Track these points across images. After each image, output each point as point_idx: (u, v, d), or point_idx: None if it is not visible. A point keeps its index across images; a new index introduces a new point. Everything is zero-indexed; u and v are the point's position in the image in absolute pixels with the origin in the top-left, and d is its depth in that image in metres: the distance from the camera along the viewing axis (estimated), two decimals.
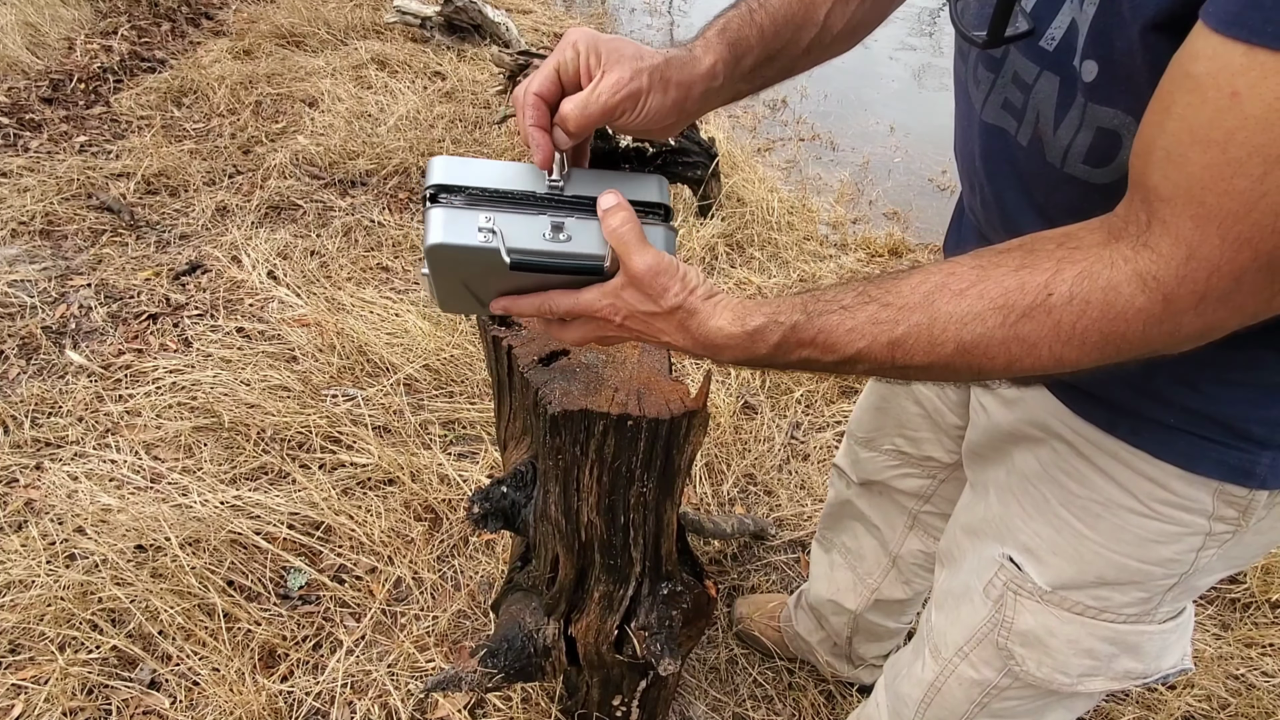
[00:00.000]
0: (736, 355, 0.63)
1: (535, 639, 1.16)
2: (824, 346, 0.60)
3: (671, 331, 0.64)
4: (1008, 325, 0.53)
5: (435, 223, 0.63)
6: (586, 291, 0.65)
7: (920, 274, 0.58)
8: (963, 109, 0.77)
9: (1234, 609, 1.86)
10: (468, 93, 3.92)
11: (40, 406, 2.06)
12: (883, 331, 0.58)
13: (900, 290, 0.58)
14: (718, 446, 2.14)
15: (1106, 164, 0.59)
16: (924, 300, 0.57)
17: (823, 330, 0.60)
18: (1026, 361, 0.54)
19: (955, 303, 0.55)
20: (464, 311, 0.74)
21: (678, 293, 0.62)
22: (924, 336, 0.56)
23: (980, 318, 0.54)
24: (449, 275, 0.67)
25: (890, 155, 4.08)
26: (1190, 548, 0.73)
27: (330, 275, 2.60)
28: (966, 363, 0.56)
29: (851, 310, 0.59)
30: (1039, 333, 0.53)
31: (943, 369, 0.58)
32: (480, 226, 0.63)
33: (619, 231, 0.62)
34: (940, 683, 0.96)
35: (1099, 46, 0.56)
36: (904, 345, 0.57)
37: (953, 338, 0.55)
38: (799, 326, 0.60)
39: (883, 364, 0.59)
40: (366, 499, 1.87)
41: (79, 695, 1.48)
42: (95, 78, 3.73)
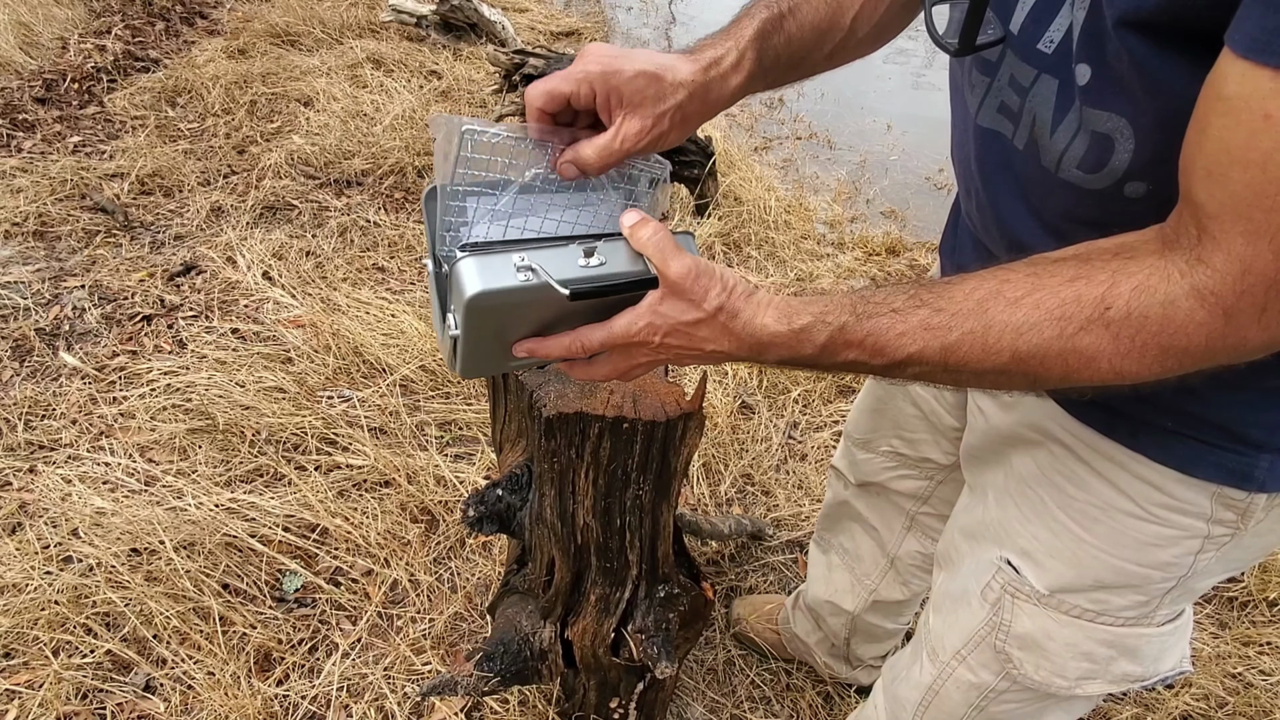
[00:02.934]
0: (781, 354, 0.62)
1: (532, 642, 1.16)
2: (873, 349, 0.59)
3: (716, 337, 0.62)
4: (1065, 337, 0.53)
5: (469, 273, 0.59)
6: (619, 319, 0.62)
7: (974, 280, 0.57)
8: (959, 113, 0.76)
9: (1231, 608, 1.86)
10: (464, 92, 3.91)
11: (34, 409, 2.05)
12: (935, 337, 0.57)
13: (953, 295, 0.57)
14: (715, 447, 2.13)
15: (1099, 169, 0.59)
16: (978, 307, 0.56)
17: (872, 333, 0.59)
18: (1085, 374, 0.54)
19: (1010, 311, 0.55)
20: (487, 373, 0.70)
21: (719, 293, 0.60)
22: (978, 344, 0.56)
23: (1036, 328, 0.54)
24: (484, 328, 0.63)
25: (887, 154, 4.08)
26: (1188, 551, 0.73)
27: (325, 276, 2.59)
28: (1022, 371, 0.56)
29: (903, 314, 0.58)
30: (1097, 346, 0.52)
31: (997, 376, 0.58)
32: (518, 265, 0.60)
33: (653, 241, 0.61)
34: (938, 686, 0.96)
35: (1090, 49, 0.56)
36: (958, 351, 0.57)
37: (1008, 346, 0.55)
38: (847, 328, 0.59)
39: (935, 369, 0.59)
40: (362, 501, 1.86)
41: (73, 700, 1.48)
42: (89, 77, 3.72)
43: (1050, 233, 0.67)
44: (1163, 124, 0.53)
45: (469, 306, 0.59)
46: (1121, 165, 0.57)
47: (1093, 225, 0.62)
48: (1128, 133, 0.55)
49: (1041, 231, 0.68)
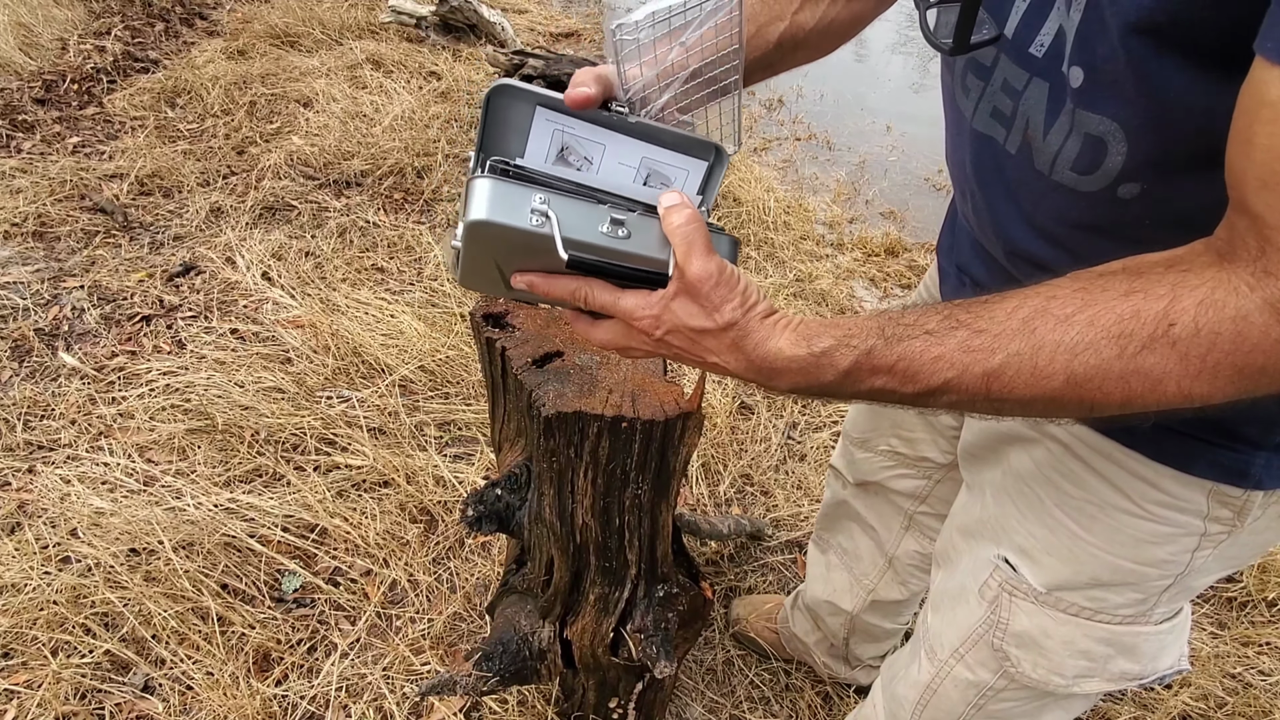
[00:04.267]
0: (795, 382, 0.57)
1: (531, 642, 1.16)
2: (904, 375, 0.54)
3: (721, 351, 0.58)
4: (1126, 357, 0.48)
5: (480, 195, 0.55)
6: (628, 296, 0.59)
7: (1015, 298, 0.53)
8: (952, 118, 0.76)
9: (1230, 608, 1.86)
10: (463, 93, 3.91)
11: (33, 409, 2.05)
12: (976, 361, 0.52)
13: (994, 315, 0.52)
14: (714, 447, 2.13)
15: (1093, 171, 0.59)
16: (1023, 326, 0.51)
17: (904, 357, 0.54)
18: (1149, 398, 0.49)
19: (1061, 330, 0.50)
20: (485, 290, 0.67)
21: (735, 307, 0.56)
22: (1026, 367, 0.51)
23: (1093, 347, 0.49)
24: (483, 252, 0.60)
25: (886, 154, 4.08)
26: (1185, 548, 0.73)
27: (325, 276, 2.59)
28: (1077, 397, 0.51)
29: (938, 336, 0.53)
30: (1163, 366, 0.48)
31: (1047, 403, 0.52)
32: (534, 208, 0.56)
33: (683, 230, 0.56)
34: (936, 684, 0.96)
35: (1084, 53, 0.55)
36: (1002, 377, 0.52)
37: (1061, 369, 0.50)
38: (875, 351, 0.54)
39: (974, 397, 0.54)
40: (361, 501, 1.86)
41: (72, 700, 1.47)
42: (88, 78, 3.72)
43: (1043, 237, 0.67)
44: (1156, 126, 0.53)
45: (469, 229, 0.57)
46: (1115, 167, 0.57)
47: (1087, 229, 0.63)
48: (1119, 135, 0.55)
49: (1034, 236, 0.68)
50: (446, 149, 3.37)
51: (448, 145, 3.41)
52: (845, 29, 0.83)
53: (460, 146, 3.44)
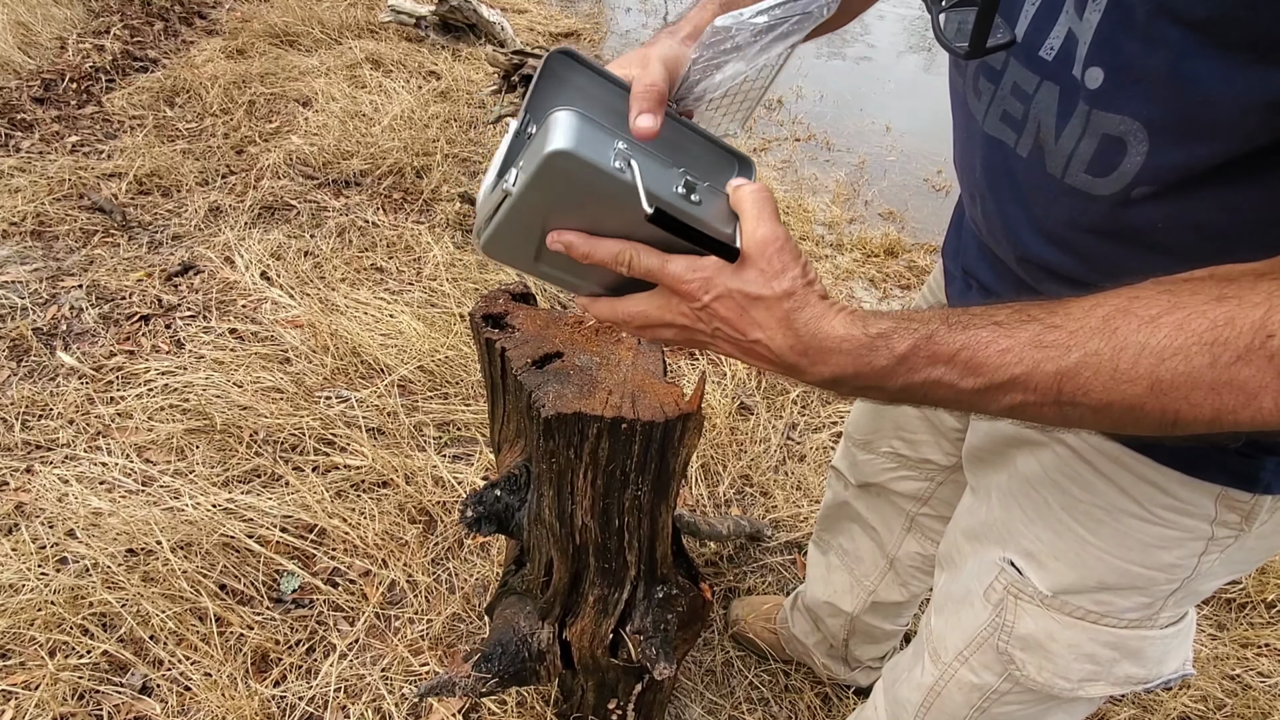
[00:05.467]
0: (843, 367, 0.52)
1: (530, 643, 1.15)
2: (966, 366, 0.50)
3: (770, 324, 0.53)
4: (1220, 367, 0.44)
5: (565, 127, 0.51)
6: (678, 260, 0.55)
7: (1093, 296, 0.49)
8: (962, 121, 0.76)
9: (1230, 609, 1.86)
10: (463, 92, 3.91)
11: (31, 409, 2.05)
12: (1049, 357, 0.48)
13: (1070, 311, 0.49)
14: (713, 448, 2.13)
15: (1108, 173, 0.58)
16: (1103, 324, 0.47)
17: (968, 345, 0.49)
18: (1242, 414, 0.45)
19: (1147, 331, 0.46)
20: (506, 259, 0.62)
21: (796, 276, 0.53)
22: (1106, 368, 0.47)
23: (1183, 353, 0.45)
24: (543, 199, 0.55)
25: (885, 155, 4.08)
26: (1193, 553, 0.73)
27: (324, 276, 2.59)
28: (1160, 406, 0.46)
29: (1008, 328, 0.49)
30: (1260, 380, 0.44)
31: (1124, 412, 0.48)
32: (617, 150, 0.52)
33: (755, 196, 0.54)
34: (940, 687, 0.96)
35: (1105, 52, 0.55)
36: (1077, 377, 0.47)
37: (1146, 374, 0.46)
38: (937, 336, 0.50)
39: (1042, 400, 0.49)
40: (360, 502, 1.86)
41: (69, 701, 1.47)
42: (87, 77, 3.71)
43: (1054, 242, 0.67)
44: (1183, 125, 0.52)
45: (545, 161, 0.51)
46: (1133, 168, 0.56)
47: (1099, 234, 0.62)
48: (1141, 135, 0.55)
49: (1045, 241, 0.68)
50: (446, 149, 3.37)
51: (447, 145, 3.40)
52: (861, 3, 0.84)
53: (459, 146, 3.43)
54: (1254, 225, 0.53)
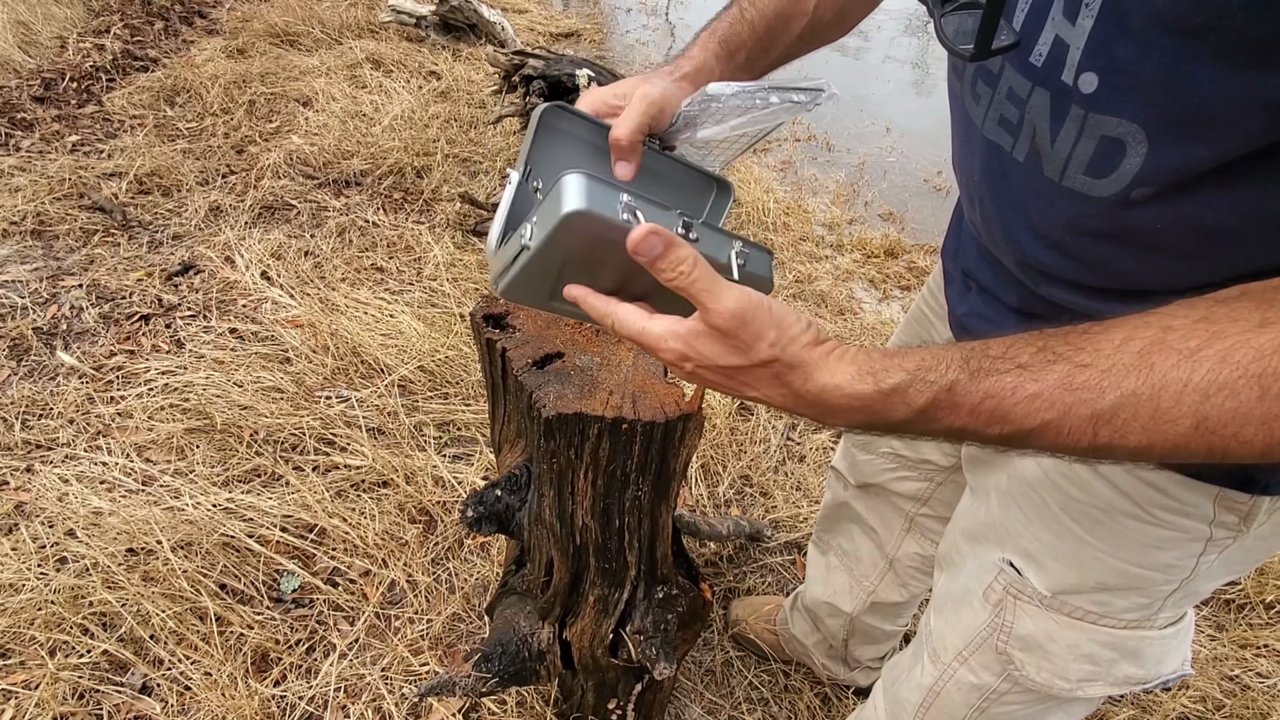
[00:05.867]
0: (856, 420, 0.51)
1: (530, 643, 1.16)
2: (990, 416, 0.48)
3: (763, 386, 0.52)
4: (1270, 399, 0.42)
5: (576, 188, 0.55)
6: (656, 321, 0.55)
7: (1123, 327, 0.47)
8: (960, 124, 0.76)
9: (1229, 610, 1.86)
10: (463, 92, 3.91)
11: (31, 408, 2.05)
12: (1082, 401, 0.45)
13: (1100, 347, 0.46)
14: (713, 448, 2.13)
15: (1108, 174, 0.58)
16: (1139, 361, 0.45)
17: (991, 394, 0.47)
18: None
19: (1188, 367, 0.44)
20: (524, 301, 0.67)
21: (771, 344, 0.50)
22: (1145, 410, 0.44)
23: (1229, 388, 0.43)
24: (557, 251, 0.59)
25: (885, 156, 4.08)
26: (1191, 553, 0.73)
27: (324, 276, 2.59)
28: (1207, 445, 0.44)
29: (1034, 371, 0.47)
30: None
31: (1167, 451, 0.45)
32: (623, 203, 0.56)
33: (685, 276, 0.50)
34: (939, 687, 0.96)
35: (1099, 57, 0.55)
36: (1114, 421, 0.45)
37: (1189, 412, 0.44)
38: (958, 388, 0.48)
39: (1075, 443, 0.47)
40: (360, 501, 1.86)
41: (70, 700, 1.47)
42: (87, 76, 3.71)
43: (1052, 246, 0.67)
44: (1181, 127, 0.52)
45: (563, 221, 0.55)
46: (1132, 169, 0.56)
47: (1097, 236, 0.62)
48: (1140, 136, 0.55)
49: (1043, 245, 0.68)
50: (446, 149, 3.37)
51: (447, 145, 3.40)
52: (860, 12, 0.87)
53: (460, 146, 3.43)
54: (1254, 225, 0.53)
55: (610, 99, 0.72)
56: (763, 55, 0.80)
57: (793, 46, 0.82)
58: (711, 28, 0.79)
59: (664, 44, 5.35)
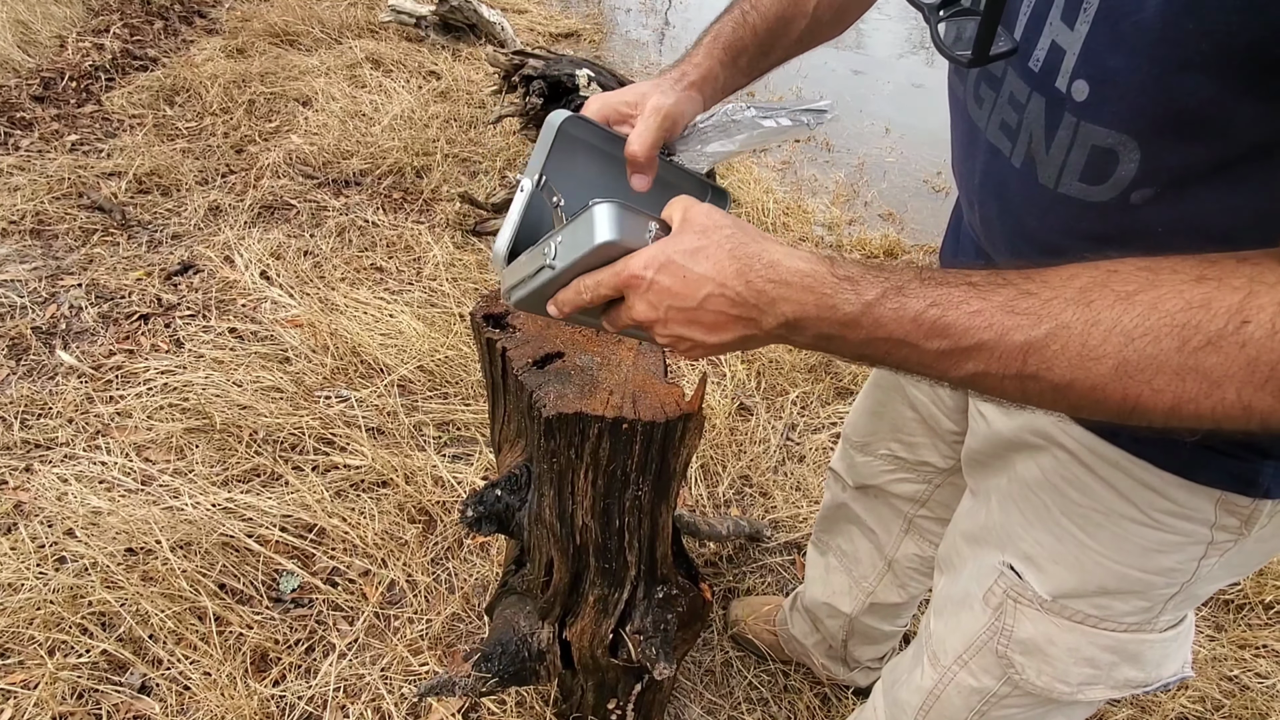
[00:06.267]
0: (805, 307, 0.49)
1: (530, 643, 1.15)
2: (932, 328, 0.47)
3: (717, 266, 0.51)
4: (1187, 351, 0.42)
5: (608, 219, 0.58)
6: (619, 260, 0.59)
7: (1073, 266, 0.47)
8: (962, 127, 0.76)
9: (1228, 611, 1.86)
10: (463, 92, 3.91)
11: (30, 408, 2.04)
12: (1019, 325, 0.45)
13: (1048, 278, 0.46)
14: (713, 448, 2.13)
15: (1103, 180, 0.58)
16: (1079, 295, 0.45)
17: (937, 303, 0.47)
18: (1203, 404, 0.43)
19: (1120, 308, 0.44)
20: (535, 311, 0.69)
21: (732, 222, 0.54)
22: (1075, 343, 0.44)
23: (1152, 334, 0.43)
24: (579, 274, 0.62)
25: (885, 156, 4.08)
26: (1192, 557, 0.73)
27: (324, 275, 2.59)
28: (1122, 390, 0.44)
29: (981, 290, 0.47)
30: (1226, 369, 0.42)
31: (1085, 392, 0.46)
32: (652, 232, 0.60)
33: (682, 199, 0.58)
34: (939, 690, 0.96)
35: (1090, 66, 0.55)
36: (1043, 351, 0.45)
37: (1113, 353, 0.44)
38: (906, 289, 0.48)
39: (1004, 369, 0.47)
40: (360, 501, 1.86)
41: (68, 700, 1.47)
42: (87, 76, 3.71)
43: (1049, 252, 0.67)
44: (1174, 136, 0.52)
45: (595, 249, 0.58)
46: (1128, 175, 0.56)
47: (1096, 239, 0.62)
48: (1132, 145, 0.55)
49: (1039, 250, 0.68)
50: (446, 149, 3.37)
51: (447, 145, 3.40)
52: (857, 10, 0.88)
53: (460, 146, 3.43)
54: (1255, 223, 0.53)
55: (621, 107, 0.73)
56: (764, 58, 0.82)
57: (793, 47, 0.84)
58: (714, 32, 0.80)
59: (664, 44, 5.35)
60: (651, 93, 0.71)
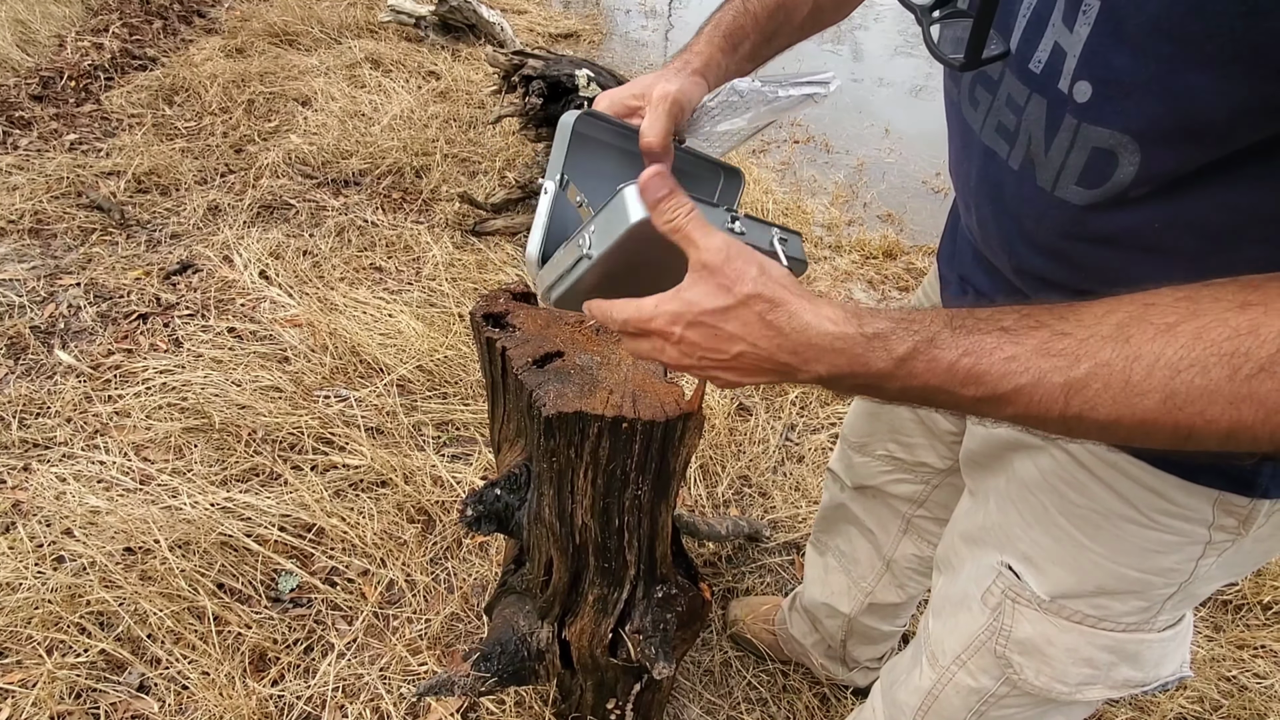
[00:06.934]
0: (838, 366, 0.50)
1: (529, 642, 1.15)
2: (967, 375, 0.47)
3: (749, 332, 0.51)
4: (1239, 379, 0.42)
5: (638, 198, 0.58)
6: (646, 301, 0.56)
7: (1107, 301, 0.47)
8: (957, 129, 0.76)
9: (1226, 611, 1.86)
10: (462, 93, 3.91)
11: (28, 407, 2.04)
12: (1056, 368, 0.45)
13: (1082, 317, 0.46)
14: (712, 448, 2.13)
15: (1101, 183, 0.58)
16: (1116, 332, 0.44)
17: (970, 351, 0.47)
18: (1261, 430, 0.42)
19: (1162, 342, 0.43)
20: (572, 308, 0.69)
21: (755, 277, 0.51)
22: (1117, 380, 0.44)
23: (1199, 365, 0.42)
24: (618, 259, 0.61)
25: (884, 157, 4.09)
26: (1190, 557, 0.73)
27: (323, 275, 2.59)
28: (1174, 422, 0.44)
29: (1015, 335, 0.47)
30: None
31: (1133, 428, 0.45)
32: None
33: (682, 217, 0.54)
34: (938, 690, 0.96)
35: (1093, 66, 0.55)
36: (1086, 390, 0.45)
37: (1159, 386, 0.43)
38: (940, 339, 0.48)
39: (1046, 412, 0.46)
40: (359, 501, 1.85)
41: (67, 699, 1.47)
42: (86, 75, 3.71)
43: (1047, 253, 0.67)
44: (1176, 136, 0.52)
45: (630, 230, 0.57)
46: (1126, 178, 0.56)
47: (1093, 241, 0.62)
48: (1133, 147, 0.55)
49: (1037, 252, 0.68)
50: (445, 149, 3.37)
51: (446, 145, 3.40)
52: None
53: (459, 146, 3.43)
54: (1253, 223, 0.53)
55: (629, 99, 0.73)
56: (765, 45, 0.82)
57: (795, 33, 0.84)
58: (715, 20, 0.80)
59: (663, 44, 5.35)
60: (656, 82, 0.71)
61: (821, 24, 0.87)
